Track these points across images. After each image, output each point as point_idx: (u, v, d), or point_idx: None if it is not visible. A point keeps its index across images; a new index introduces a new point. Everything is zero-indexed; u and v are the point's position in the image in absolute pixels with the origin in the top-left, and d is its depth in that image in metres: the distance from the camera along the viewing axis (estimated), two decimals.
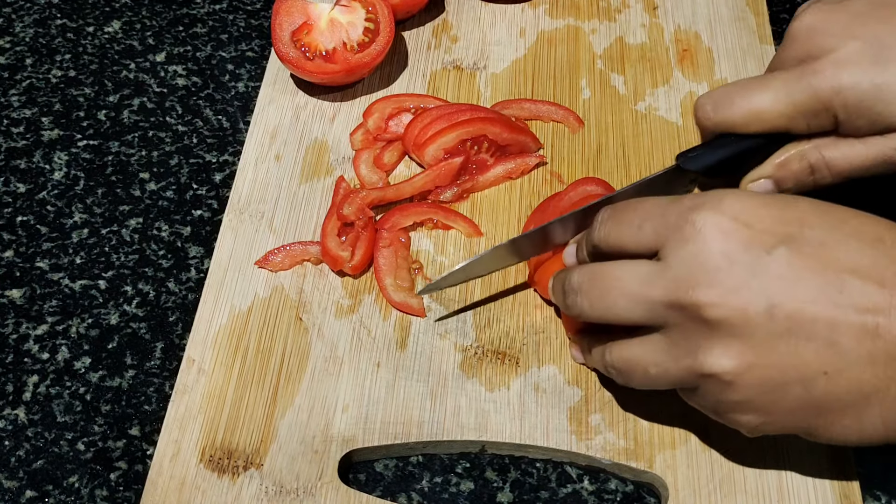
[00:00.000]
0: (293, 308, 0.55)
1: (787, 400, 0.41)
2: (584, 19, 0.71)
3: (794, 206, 0.42)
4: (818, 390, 0.41)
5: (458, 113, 0.62)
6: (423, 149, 0.60)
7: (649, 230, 0.43)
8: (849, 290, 0.40)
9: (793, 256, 0.40)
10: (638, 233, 0.44)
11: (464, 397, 0.52)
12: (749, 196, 0.42)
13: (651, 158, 0.63)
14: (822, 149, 0.49)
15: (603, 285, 0.44)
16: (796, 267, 0.40)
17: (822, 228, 0.41)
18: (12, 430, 0.52)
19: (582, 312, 0.45)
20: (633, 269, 0.43)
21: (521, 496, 0.50)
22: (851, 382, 0.40)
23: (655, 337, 0.44)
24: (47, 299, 0.57)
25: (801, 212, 0.42)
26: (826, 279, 0.40)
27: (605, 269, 0.45)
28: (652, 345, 0.44)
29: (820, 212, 0.42)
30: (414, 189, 0.60)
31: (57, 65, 0.70)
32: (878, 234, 0.41)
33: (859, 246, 0.40)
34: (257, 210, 0.60)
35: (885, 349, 0.39)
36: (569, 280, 0.46)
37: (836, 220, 0.41)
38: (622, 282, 0.43)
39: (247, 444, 0.50)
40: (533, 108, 0.65)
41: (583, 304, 0.45)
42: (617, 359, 0.46)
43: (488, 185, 0.61)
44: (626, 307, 0.43)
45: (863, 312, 0.40)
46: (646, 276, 0.42)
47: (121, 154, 0.64)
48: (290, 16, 0.65)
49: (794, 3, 0.75)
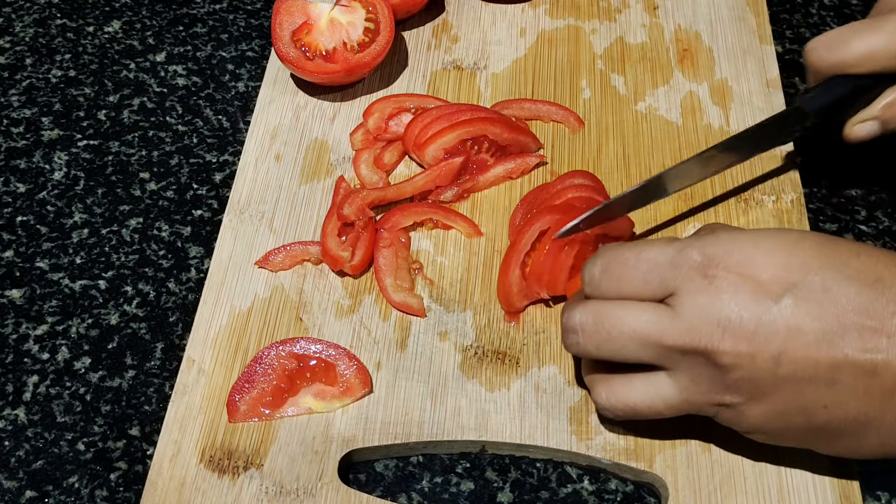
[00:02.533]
0: (293, 308, 0.55)
1: (792, 427, 0.45)
2: (584, 19, 0.71)
3: (797, 252, 0.43)
4: (818, 421, 0.44)
5: (458, 113, 0.62)
6: (424, 149, 0.60)
7: (656, 283, 0.45)
8: (849, 333, 0.42)
9: (797, 305, 0.42)
10: (644, 287, 0.45)
11: (464, 397, 0.52)
12: (753, 245, 0.44)
13: (651, 158, 0.63)
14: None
15: (611, 329, 0.45)
16: (800, 315, 0.42)
17: (824, 272, 0.43)
18: (12, 430, 0.52)
19: (586, 352, 0.47)
20: (644, 315, 0.44)
21: (521, 496, 0.50)
22: (850, 414, 0.43)
23: (663, 379, 0.45)
24: (47, 299, 0.57)
25: (805, 256, 0.43)
26: (828, 324, 0.42)
27: (611, 312, 0.45)
28: (660, 385, 0.46)
29: (822, 255, 0.43)
30: (414, 189, 0.60)
31: (57, 65, 0.70)
32: (878, 275, 0.43)
33: (859, 288, 0.42)
34: (257, 210, 0.60)
35: (881, 385, 0.42)
36: (570, 319, 0.47)
37: (838, 262, 0.43)
38: (632, 326, 0.44)
39: (247, 445, 0.50)
40: (533, 108, 0.65)
41: (587, 344, 0.46)
42: (619, 403, 0.47)
43: (488, 185, 0.61)
44: (636, 350, 0.45)
45: (862, 352, 0.42)
46: (657, 323, 0.44)
47: (121, 154, 0.64)
48: (290, 16, 0.65)
49: (793, 3, 0.75)
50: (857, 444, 0.44)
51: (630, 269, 0.45)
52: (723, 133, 0.64)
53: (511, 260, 0.54)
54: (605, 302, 0.46)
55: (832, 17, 0.74)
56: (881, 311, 0.42)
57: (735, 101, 0.66)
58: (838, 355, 0.42)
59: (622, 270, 0.45)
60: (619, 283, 0.45)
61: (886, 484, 0.51)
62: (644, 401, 0.46)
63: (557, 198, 0.58)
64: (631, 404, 0.46)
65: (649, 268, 0.45)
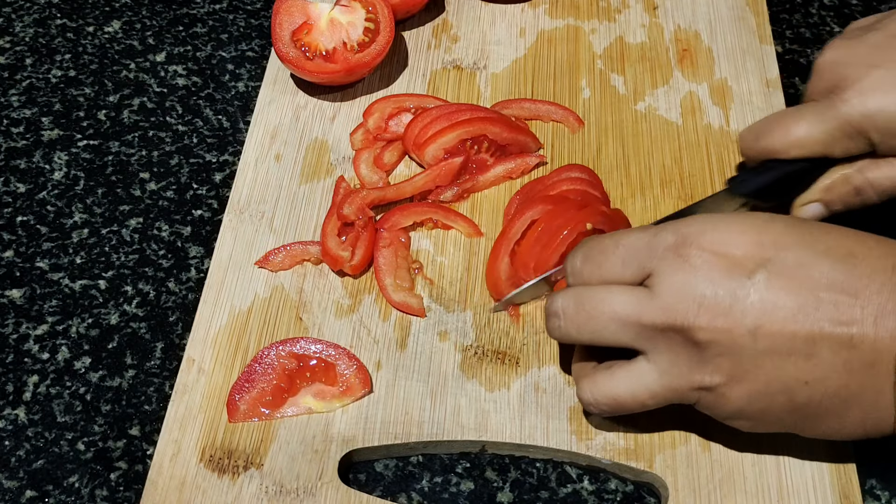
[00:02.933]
0: (293, 308, 0.55)
1: (774, 407, 0.44)
2: (584, 19, 0.71)
3: (769, 230, 0.44)
4: (800, 398, 0.44)
5: (458, 113, 0.62)
6: (424, 148, 0.60)
7: (635, 266, 0.46)
8: (824, 306, 0.42)
9: (771, 280, 0.43)
10: (623, 270, 0.46)
11: (464, 397, 0.52)
12: (726, 225, 0.44)
13: (651, 158, 0.63)
14: (864, 171, 0.52)
15: (591, 310, 0.46)
16: (774, 289, 0.43)
17: (797, 249, 0.43)
18: (12, 430, 0.52)
19: (567, 336, 0.47)
20: (622, 296, 0.45)
21: (521, 496, 0.50)
22: (830, 389, 0.43)
23: (643, 365, 0.46)
24: (47, 299, 0.57)
25: (777, 234, 0.44)
26: (803, 298, 0.42)
27: (592, 295, 0.46)
28: (641, 373, 0.46)
29: (794, 233, 0.44)
30: (414, 189, 0.60)
31: (57, 65, 0.70)
32: (849, 249, 0.43)
33: (832, 263, 0.43)
34: (257, 210, 0.60)
35: (860, 357, 0.42)
36: (552, 304, 0.48)
37: (810, 239, 0.44)
38: (612, 307, 0.45)
39: (247, 444, 0.50)
40: (533, 107, 0.65)
41: (569, 327, 0.47)
42: (603, 397, 0.47)
43: (488, 184, 0.61)
44: (616, 331, 0.46)
45: (838, 325, 0.42)
46: (636, 303, 0.45)
47: (121, 154, 0.64)
48: (290, 16, 0.65)
49: (793, 3, 0.75)
50: (840, 423, 0.44)
51: (609, 255, 0.46)
52: (723, 133, 0.64)
53: (500, 247, 0.55)
54: (587, 287, 0.47)
55: (832, 17, 0.74)
56: (855, 284, 0.42)
57: (735, 101, 0.66)
58: (814, 328, 0.42)
59: (602, 257, 0.47)
60: (600, 269, 0.47)
61: (886, 483, 0.51)
62: (627, 391, 0.46)
63: (552, 189, 0.59)
64: (613, 395, 0.47)
65: (627, 252, 0.46)
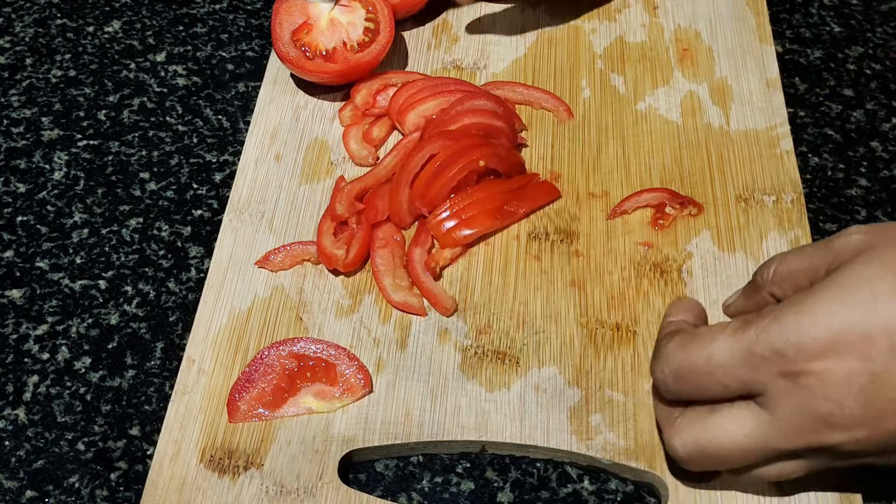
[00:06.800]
0: (293, 308, 0.55)
1: None
2: (584, 19, 0.71)
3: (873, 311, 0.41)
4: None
5: (441, 84, 0.63)
6: (404, 115, 0.62)
7: (738, 386, 0.44)
8: None
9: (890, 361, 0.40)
10: (726, 391, 0.44)
11: (464, 397, 0.52)
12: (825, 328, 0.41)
13: (651, 158, 0.63)
14: None
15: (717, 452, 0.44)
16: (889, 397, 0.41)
17: None
18: (12, 430, 0.52)
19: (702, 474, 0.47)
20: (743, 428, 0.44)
21: (521, 496, 0.50)
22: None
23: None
24: (47, 299, 0.57)
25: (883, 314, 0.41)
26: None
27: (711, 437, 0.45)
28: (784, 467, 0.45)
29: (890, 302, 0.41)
30: (388, 170, 0.61)
31: (57, 65, 0.70)
32: None
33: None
34: (257, 210, 0.60)
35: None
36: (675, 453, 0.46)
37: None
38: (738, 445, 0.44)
39: (247, 444, 0.50)
40: (525, 92, 0.66)
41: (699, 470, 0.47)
42: None
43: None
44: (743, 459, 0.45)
45: None
46: (760, 434, 0.43)
47: (121, 154, 0.64)
48: (290, 15, 0.65)
49: (793, 3, 0.75)
50: None
51: (705, 376, 0.44)
52: (723, 133, 0.64)
53: (402, 179, 0.58)
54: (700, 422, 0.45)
55: (832, 17, 0.74)
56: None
57: (735, 101, 0.66)
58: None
59: (697, 380, 0.45)
60: (700, 391, 0.45)
61: (886, 484, 0.51)
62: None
63: (454, 122, 0.60)
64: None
65: (724, 373, 0.44)
